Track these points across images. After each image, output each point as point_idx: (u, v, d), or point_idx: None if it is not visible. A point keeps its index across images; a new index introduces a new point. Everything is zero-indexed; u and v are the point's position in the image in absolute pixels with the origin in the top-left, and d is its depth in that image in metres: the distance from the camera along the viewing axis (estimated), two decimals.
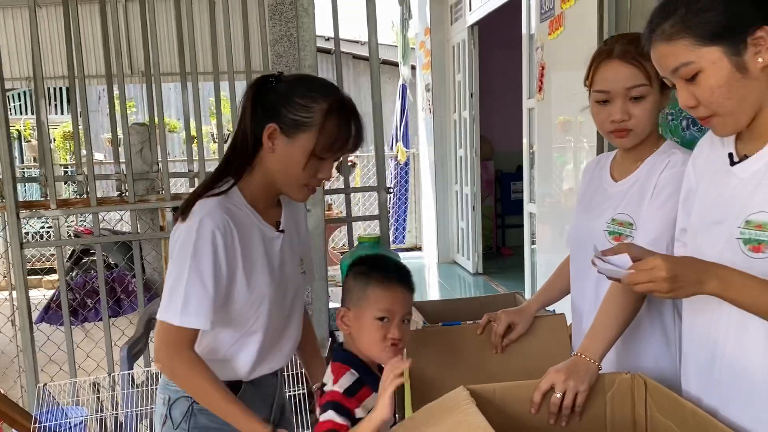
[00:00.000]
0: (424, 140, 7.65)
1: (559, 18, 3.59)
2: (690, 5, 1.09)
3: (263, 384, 1.54)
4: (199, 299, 1.34)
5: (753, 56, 1.08)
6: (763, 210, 1.09)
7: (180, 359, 1.37)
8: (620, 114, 1.46)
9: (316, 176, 1.42)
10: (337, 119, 1.38)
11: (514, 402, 1.30)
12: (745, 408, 1.14)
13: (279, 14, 2.98)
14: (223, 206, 1.38)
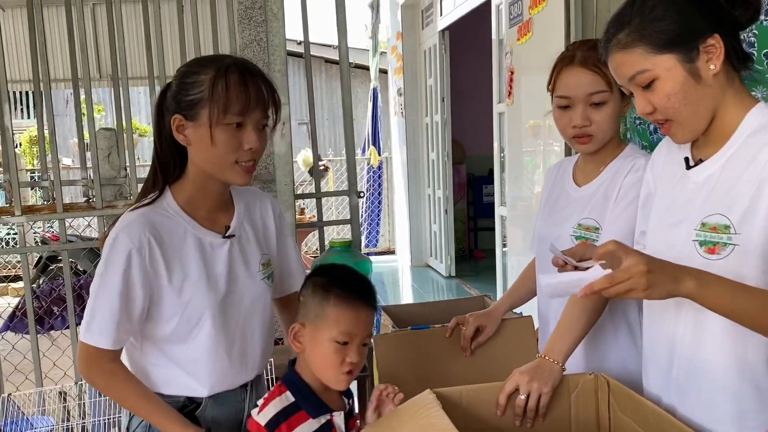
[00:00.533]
0: (397, 144, 7.68)
1: (527, 24, 3.63)
2: (644, 15, 1.12)
3: (227, 401, 1.43)
4: (103, 318, 1.31)
5: (705, 63, 1.11)
6: (717, 212, 1.12)
7: (96, 371, 1.35)
8: (581, 119, 1.49)
9: (241, 149, 1.32)
10: (226, 81, 1.29)
11: (480, 404, 1.32)
12: (702, 406, 1.17)
13: (248, 19, 2.98)
14: (146, 218, 1.33)
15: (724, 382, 1.14)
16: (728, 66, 1.13)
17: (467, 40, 6.64)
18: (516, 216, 4.37)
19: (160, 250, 1.32)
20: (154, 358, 1.40)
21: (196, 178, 1.38)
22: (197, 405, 1.40)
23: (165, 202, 1.37)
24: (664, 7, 1.11)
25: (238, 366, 1.44)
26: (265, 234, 1.52)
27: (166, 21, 3.54)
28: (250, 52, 2.94)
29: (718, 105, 1.14)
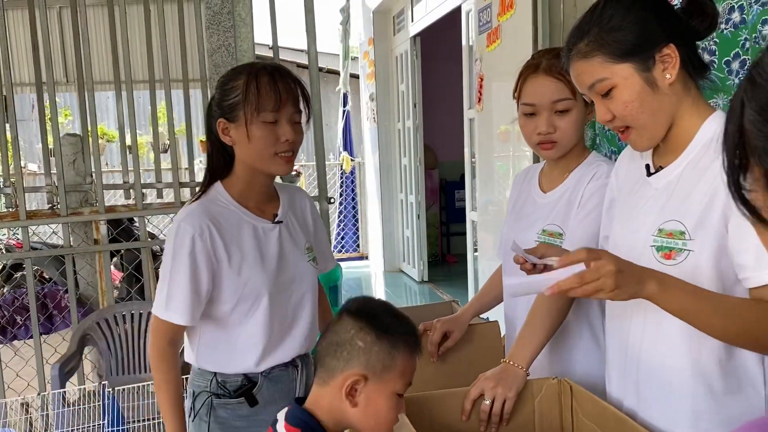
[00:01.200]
0: (369, 149, 7.68)
1: (496, 31, 3.66)
2: (602, 25, 1.14)
3: (281, 379, 1.57)
4: (179, 297, 1.46)
5: (661, 72, 1.13)
6: (673, 218, 1.14)
7: (155, 348, 1.51)
8: (546, 126, 1.51)
9: (279, 142, 1.47)
10: (257, 81, 1.46)
11: (446, 410, 1.32)
12: (659, 408, 1.19)
13: (217, 24, 2.95)
14: (204, 208, 1.50)
15: (679, 384, 1.16)
16: (685, 75, 1.16)
17: (438, 47, 6.68)
18: (487, 221, 4.40)
19: (219, 235, 1.48)
20: (214, 340, 1.54)
21: (244, 174, 1.54)
22: (253, 384, 1.53)
23: (218, 195, 1.54)
24: (621, 17, 1.13)
25: (289, 340, 1.57)
26: (305, 223, 1.68)
27: (135, 25, 3.50)
28: (218, 57, 2.92)
29: (676, 113, 1.16)
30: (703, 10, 1.15)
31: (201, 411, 1.54)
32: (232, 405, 1.53)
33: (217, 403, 1.53)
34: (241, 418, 1.53)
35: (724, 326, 1.07)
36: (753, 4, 2.13)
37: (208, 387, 1.54)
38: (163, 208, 3.14)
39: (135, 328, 2.98)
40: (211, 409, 1.53)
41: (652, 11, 1.14)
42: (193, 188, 3.28)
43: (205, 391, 1.54)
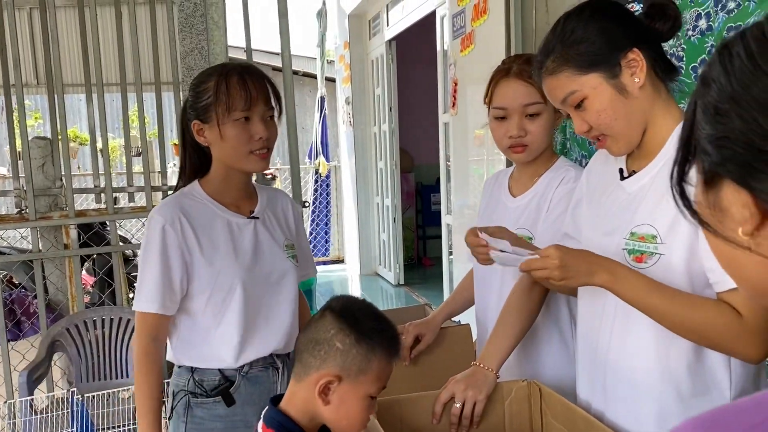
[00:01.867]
0: (345, 153, 7.68)
1: (469, 36, 3.69)
2: (564, 40, 1.16)
3: (260, 380, 1.57)
4: (149, 287, 1.48)
5: (630, 77, 1.14)
6: (645, 222, 1.15)
7: (138, 345, 1.50)
8: (517, 130, 1.52)
9: (252, 140, 1.50)
10: (227, 82, 1.49)
11: (416, 413, 1.33)
12: (627, 410, 1.20)
13: (189, 27, 2.94)
14: (176, 201, 1.53)
15: (647, 386, 1.18)
16: (654, 78, 1.17)
17: (414, 51, 6.71)
18: (462, 224, 4.42)
19: (191, 226, 1.51)
20: (191, 334, 1.54)
21: (220, 173, 1.56)
22: (231, 383, 1.53)
23: (193, 190, 1.56)
24: (582, 29, 1.15)
25: (266, 334, 1.57)
26: (287, 223, 1.69)
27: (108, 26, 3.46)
28: (190, 60, 2.90)
29: (649, 116, 1.17)
30: (665, 12, 1.16)
31: (179, 410, 1.53)
32: (209, 404, 1.52)
33: (195, 403, 1.53)
34: (218, 418, 1.52)
35: (674, 320, 1.09)
36: (719, 12, 2.18)
37: (185, 386, 1.53)
38: (135, 212, 3.11)
39: (106, 334, 2.94)
40: (189, 408, 1.53)
41: (613, 19, 1.15)
42: (166, 192, 3.25)
43: (183, 390, 1.54)
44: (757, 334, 1.04)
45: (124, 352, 2.94)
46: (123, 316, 2.97)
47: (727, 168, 0.51)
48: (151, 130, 7.45)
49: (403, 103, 6.73)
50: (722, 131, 0.51)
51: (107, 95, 3.14)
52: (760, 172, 0.49)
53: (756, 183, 0.49)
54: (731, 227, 0.53)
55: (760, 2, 1.97)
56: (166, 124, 3.22)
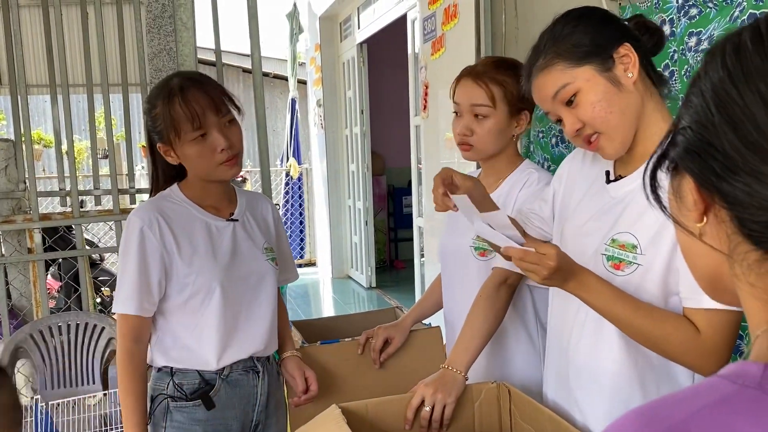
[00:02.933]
0: (317, 155, 7.65)
1: (440, 39, 3.71)
2: (555, 35, 1.16)
3: (240, 384, 1.56)
4: (127, 288, 1.48)
5: (623, 72, 1.13)
6: (627, 231, 1.14)
7: (120, 347, 1.50)
8: (463, 128, 1.57)
9: (216, 153, 1.49)
10: (170, 107, 1.47)
11: (387, 416, 1.32)
12: (596, 411, 1.22)
13: (158, 27, 2.90)
14: (154, 204, 1.53)
15: (615, 388, 1.19)
16: (646, 79, 1.16)
17: (385, 54, 6.72)
18: (433, 227, 4.43)
19: (169, 227, 1.51)
20: (170, 336, 1.54)
21: (197, 181, 1.57)
22: (210, 386, 1.53)
23: (172, 193, 1.57)
24: (573, 24, 1.15)
25: (245, 336, 1.56)
26: (266, 226, 1.69)
27: (74, 26, 3.40)
28: (159, 62, 2.86)
29: (641, 115, 1.15)
30: (648, 27, 1.17)
31: (158, 414, 1.53)
32: (188, 408, 1.52)
33: (174, 407, 1.52)
34: (197, 422, 1.52)
35: (635, 331, 1.11)
36: (681, 18, 2.23)
37: (165, 389, 1.53)
38: (102, 215, 3.05)
39: (72, 340, 2.88)
40: (168, 412, 1.52)
41: (601, 19, 1.17)
42: (133, 195, 3.20)
43: (162, 393, 1.53)
44: (712, 353, 1.05)
45: (91, 359, 2.89)
46: (89, 322, 2.92)
47: (683, 157, 0.54)
48: (118, 132, 7.34)
49: (374, 105, 6.74)
50: (689, 122, 0.54)
51: (73, 96, 3.08)
52: (709, 166, 0.51)
53: (704, 175, 0.52)
54: (686, 215, 0.56)
55: (720, 9, 2.02)
56: (134, 126, 3.17)
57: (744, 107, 0.48)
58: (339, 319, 2.08)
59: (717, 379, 0.49)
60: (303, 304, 6.49)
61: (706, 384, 0.49)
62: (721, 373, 0.49)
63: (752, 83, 0.48)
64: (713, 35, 1.87)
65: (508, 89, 1.55)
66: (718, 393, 0.47)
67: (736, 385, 0.47)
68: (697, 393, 0.48)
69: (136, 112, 3.17)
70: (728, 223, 0.51)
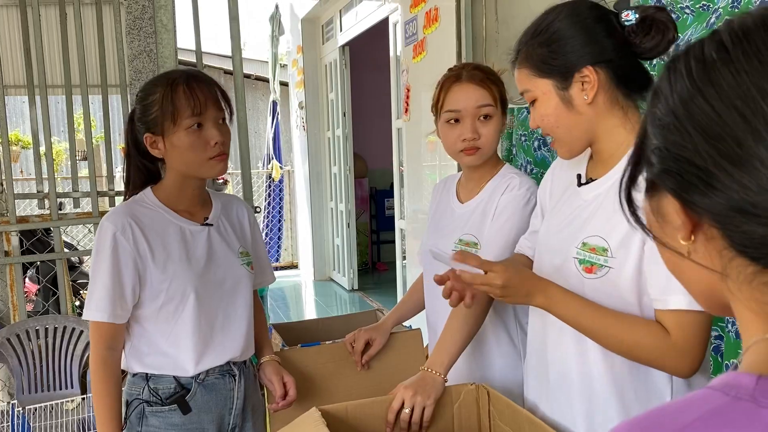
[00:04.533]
0: (299, 158, 7.64)
1: (421, 43, 3.73)
2: (531, 39, 1.19)
3: (216, 387, 1.55)
4: (99, 295, 1.45)
5: (579, 92, 1.15)
6: (597, 234, 1.15)
7: (94, 355, 1.48)
8: (471, 132, 1.55)
9: (209, 146, 1.48)
10: (173, 91, 1.46)
11: (367, 418, 1.33)
12: (572, 413, 1.23)
13: (138, 29, 2.88)
14: (127, 209, 1.50)
15: (592, 391, 1.20)
16: (615, 94, 1.16)
17: (367, 56, 6.73)
18: (415, 229, 4.45)
19: (142, 233, 1.48)
20: (145, 342, 1.52)
21: (174, 181, 1.54)
22: (187, 391, 1.51)
23: (145, 197, 1.54)
24: (550, 33, 1.16)
25: (222, 341, 1.55)
26: (242, 230, 1.67)
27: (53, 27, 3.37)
28: (139, 63, 2.84)
29: (597, 131, 1.18)
30: (650, 30, 1.13)
31: (133, 420, 1.52)
32: (164, 413, 1.50)
33: (149, 411, 1.50)
34: (173, 426, 1.50)
35: (605, 340, 1.13)
36: None
37: (140, 394, 1.51)
38: (81, 217, 3.03)
39: (50, 344, 2.85)
40: (143, 417, 1.51)
41: (584, 29, 1.14)
42: (113, 197, 3.17)
43: (137, 398, 1.52)
44: (685, 354, 1.07)
45: (69, 362, 2.86)
46: (68, 325, 2.89)
47: (662, 178, 0.54)
48: (97, 134, 7.27)
49: (356, 108, 6.74)
50: (662, 143, 0.53)
51: (51, 97, 3.05)
52: (689, 183, 0.51)
53: (686, 194, 0.52)
54: (671, 234, 0.55)
55: (697, 15, 2.05)
56: (113, 127, 3.14)
57: (722, 123, 0.48)
58: (319, 322, 2.08)
59: (709, 391, 0.48)
60: (284, 306, 6.47)
61: (699, 396, 0.48)
62: (714, 384, 0.48)
63: (726, 98, 0.48)
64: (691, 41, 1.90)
65: (501, 90, 1.59)
66: (710, 405, 0.46)
67: (729, 397, 0.46)
68: (690, 405, 0.48)
69: (116, 113, 3.14)
70: (719, 239, 0.51)
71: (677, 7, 2.02)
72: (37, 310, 3.97)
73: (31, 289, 5.09)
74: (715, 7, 1.85)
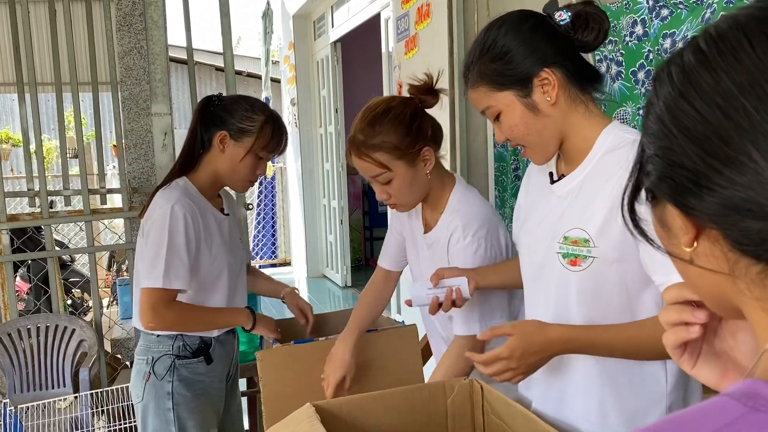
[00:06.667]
0: (291, 154, 7.62)
1: (413, 39, 3.72)
2: (482, 56, 1.19)
3: (226, 342, 1.91)
4: (177, 266, 1.69)
5: (542, 96, 1.18)
6: (577, 226, 1.17)
7: (167, 311, 1.71)
8: (380, 195, 1.53)
9: (255, 173, 1.80)
10: (272, 127, 1.78)
11: (361, 414, 1.32)
12: (568, 407, 1.24)
13: (128, 26, 2.87)
14: (183, 197, 1.73)
15: (586, 384, 1.21)
16: (572, 91, 1.19)
17: (359, 52, 6.71)
18: None
19: (200, 217, 1.75)
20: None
21: (210, 176, 1.81)
22: (209, 345, 1.84)
23: (188, 186, 1.78)
24: (498, 47, 1.17)
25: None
26: (236, 217, 1.99)
27: (41, 24, 3.34)
28: (129, 60, 2.83)
29: (565, 128, 1.20)
30: (588, 23, 1.17)
31: (160, 372, 1.79)
32: (193, 364, 1.82)
33: (180, 364, 1.80)
34: (198, 374, 1.82)
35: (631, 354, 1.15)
36: (654, 19, 2.26)
37: (170, 350, 1.80)
38: (72, 216, 3.01)
39: (41, 342, 2.84)
40: (174, 369, 1.79)
41: (529, 37, 1.17)
42: (104, 195, 3.15)
43: (167, 354, 1.80)
44: None
45: (61, 361, 2.84)
46: (60, 324, 2.87)
47: (658, 185, 0.54)
48: (88, 132, 7.23)
49: (349, 104, 6.73)
50: (654, 150, 0.53)
51: (41, 95, 3.03)
52: (683, 187, 0.51)
53: (682, 198, 0.51)
54: (674, 242, 0.55)
55: (691, 10, 2.06)
56: (104, 125, 3.13)
57: (705, 123, 0.48)
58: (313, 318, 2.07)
59: (726, 399, 0.46)
60: (278, 303, 6.45)
61: (714, 405, 0.46)
62: (730, 391, 0.46)
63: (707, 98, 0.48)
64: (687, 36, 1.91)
65: (391, 145, 1.47)
66: (727, 416, 0.45)
67: (747, 408, 0.45)
68: (705, 414, 0.46)
69: (107, 111, 3.13)
70: (721, 241, 0.50)
71: (670, 2, 2.03)
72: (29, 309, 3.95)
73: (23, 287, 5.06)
74: (709, 1, 1.86)
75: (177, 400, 1.78)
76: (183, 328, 1.78)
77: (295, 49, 7.06)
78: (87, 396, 2.45)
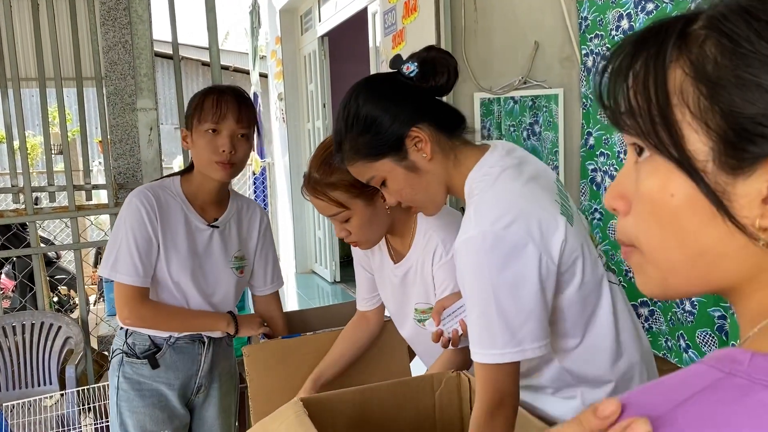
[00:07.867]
0: (279, 150, 7.60)
1: (401, 33, 3.71)
2: (349, 136, 1.20)
3: (185, 350, 1.81)
4: (125, 258, 1.68)
5: (417, 154, 1.18)
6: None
7: (141, 307, 1.71)
8: (339, 233, 1.48)
9: (217, 151, 1.68)
10: (201, 100, 1.71)
11: (348, 408, 1.33)
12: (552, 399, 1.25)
13: (112, 20, 2.84)
14: (152, 190, 1.72)
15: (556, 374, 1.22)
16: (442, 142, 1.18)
17: (346, 47, 6.68)
18: None
19: (159, 214, 1.71)
20: None
21: (196, 176, 1.77)
22: (158, 349, 1.79)
23: (171, 184, 1.77)
24: (362, 119, 1.18)
25: None
26: (248, 235, 1.88)
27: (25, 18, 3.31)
28: (114, 55, 2.80)
29: (447, 178, 1.21)
30: (435, 68, 1.17)
31: (114, 365, 1.80)
32: (137, 365, 1.79)
33: (126, 361, 1.79)
34: (142, 377, 1.79)
35: None
36: (639, 13, 2.27)
37: (121, 346, 1.80)
38: (57, 212, 2.98)
39: (27, 340, 2.82)
40: (122, 365, 1.79)
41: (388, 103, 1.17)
42: (89, 191, 3.13)
43: (118, 348, 1.81)
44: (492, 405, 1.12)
45: (47, 359, 2.82)
46: (45, 321, 2.85)
47: None
48: (73, 128, 7.17)
49: (336, 99, 6.69)
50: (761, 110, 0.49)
51: (25, 90, 3.00)
52: None
53: None
54: (755, 214, 0.50)
55: (676, 4, 2.07)
56: (89, 120, 3.10)
57: None
58: (301, 314, 2.07)
59: (704, 367, 0.47)
60: None
61: (693, 372, 0.47)
62: (708, 359, 0.47)
63: None
64: None
65: (348, 183, 1.39)
66: (705, 382, 0.45)
67: (723, 374, 0.45)
68: (683, 381, 0.47)
69: (92, 106, 3.11)
70: None
71: None
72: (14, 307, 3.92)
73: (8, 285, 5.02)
74: None
75: (120, 396, 1.79)
76: (157, 327, 1.76)
77: (282, 43, 7.03)
78: (73, 393, 2.43)
